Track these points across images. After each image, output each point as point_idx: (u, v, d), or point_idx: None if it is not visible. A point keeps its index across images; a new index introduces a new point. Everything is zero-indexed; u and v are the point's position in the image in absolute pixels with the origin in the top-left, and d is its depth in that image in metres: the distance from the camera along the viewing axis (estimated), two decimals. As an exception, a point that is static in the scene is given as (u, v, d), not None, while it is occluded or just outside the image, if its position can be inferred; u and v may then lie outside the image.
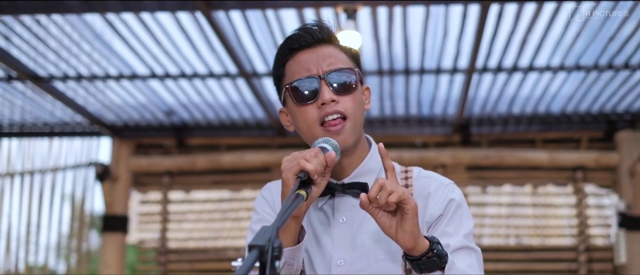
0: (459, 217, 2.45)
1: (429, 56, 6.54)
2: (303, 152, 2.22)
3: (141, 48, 6.43)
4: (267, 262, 1.65)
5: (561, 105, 7.87)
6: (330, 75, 2.42)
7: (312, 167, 2.15)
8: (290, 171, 2.18)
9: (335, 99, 2.40)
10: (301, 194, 2.14)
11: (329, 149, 2.28)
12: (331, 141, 2.34)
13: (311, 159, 2.18)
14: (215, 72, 6.88)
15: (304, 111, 2.44)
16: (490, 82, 7.18)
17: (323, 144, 2.31)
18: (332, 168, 2.26)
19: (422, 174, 2.58)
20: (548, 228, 8.67)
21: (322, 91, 2.40)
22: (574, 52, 6.47)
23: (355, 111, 2.43)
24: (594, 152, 8.32)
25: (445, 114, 8.14)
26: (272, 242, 1.68)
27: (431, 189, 2.50)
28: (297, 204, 2.08)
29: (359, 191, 2.41)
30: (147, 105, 7.95)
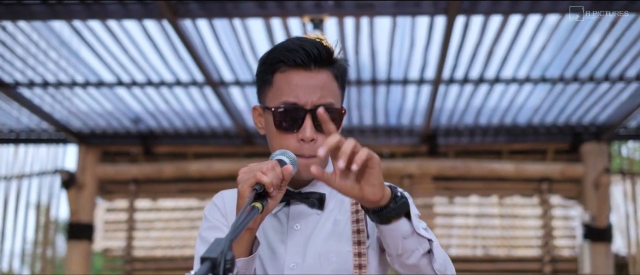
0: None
1: (396, 67, 6.53)
2: (260, 164, 2.21)
3: (108, 56, 6.38)
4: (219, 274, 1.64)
5: (527, 116, 7.89)
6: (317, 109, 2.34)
7: (269, 180, 2.13)
8: (246, 183, 2.17)
9: (314, 138, 2.37)
10: (256, 206, 2.12)
11: (287, 163, 2.27)
12: (289, 154, 2.33)
13: (268, 171, 2.17)
14: (183, 80, 6.84)
15: (282, 137, 2.42)
16: (457, 93, 7.19)
17: (281, 157, 2.30)
18: (288, 181, 2.25)
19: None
20: (515, 239, 8.66)
21: (304, 126, 2.37)
22: (540, 64, 6.51)
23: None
24: (560, 163, 8.35)
25: (412, 124, 8.14)
26: (224, 254, 1.68)
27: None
28: (252, 216, 2.07)
29: (316, 201, 2.44)
30: (114, 112, 7.89)
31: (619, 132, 8.25)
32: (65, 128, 8.22)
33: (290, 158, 2.31)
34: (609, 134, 8.11)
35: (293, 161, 2.30)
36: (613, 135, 8.27)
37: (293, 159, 2.31)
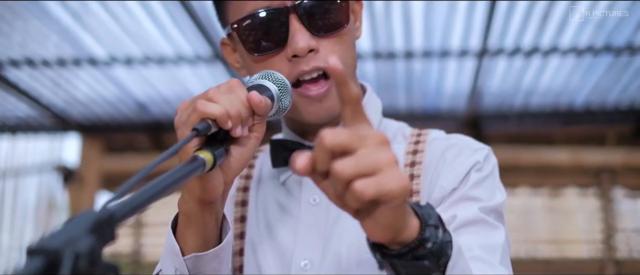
0: (490, 186, 1.62)
1: (434, 35, 5.66)
2: (210, 89, 1.33)
3: (102, 30, 5.59)
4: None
5: (585, 96, 7.03)
6: (304, 3, 1.54)
7: (221, 109, 1.28)
8: (186, 124, 1.28)
9: (314, 47, 1.54)
10: (200, 157, 1.23)
11: (269, 89, 1.44)
12: (275, 75, 1.48)
13: (219, 97, 1.27)
14: (186, 55, 5.99)
15: (264, 66, 1.58)
16: (504, 70, 6.34)
17: (259, 81, 1.47)
18: (265, 115, 1.38)
19: (441, 136, 1.76)
20: (569, 237, 7.94)
21: (292, 34, 1.54)
22: (603, 31, 5.59)
23: (346, 58, 1.59)
24: (623, 150, 7.52)
25: (453, 107, 7.34)
26: (74, 245, 0.84)
27: (450, 154, 1.67)
28: (185, 174, 1.18)
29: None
30: (117, 100, 7.12)
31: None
32: (65, 118, 7.49)
33: (276, 80, 1.47)
34: (680, 116, 7.23)
35: (280, 84, 1.47)
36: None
37: (280, 81, 1.47)
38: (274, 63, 1.57)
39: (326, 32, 1.57)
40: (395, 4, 5.13)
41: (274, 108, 1.45)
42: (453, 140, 1.76)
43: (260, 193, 1.76)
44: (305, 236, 1.63)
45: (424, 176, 1.67)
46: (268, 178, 1.77)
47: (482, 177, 1.64)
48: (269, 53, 1.57)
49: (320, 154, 1.05)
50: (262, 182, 1.79)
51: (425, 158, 1.69)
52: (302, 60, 1.55)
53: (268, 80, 1.45)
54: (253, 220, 1.71)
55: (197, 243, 1.40)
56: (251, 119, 1.36)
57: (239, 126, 1.30)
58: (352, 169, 1.04)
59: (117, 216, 0.95)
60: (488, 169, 1.67)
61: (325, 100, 1.58)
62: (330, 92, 1.58)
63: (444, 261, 1.22)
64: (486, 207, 1.58)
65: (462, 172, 1.63)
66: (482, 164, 1.67)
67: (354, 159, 1.04)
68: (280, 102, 1.46)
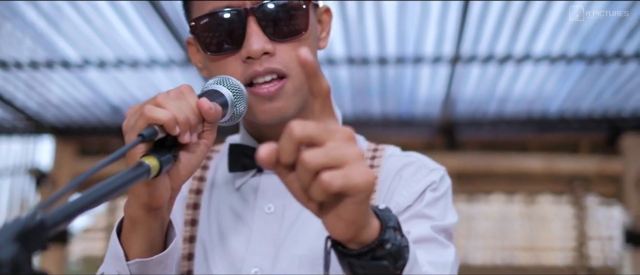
0: (443, 206, 1.64)
1: (407, 41, 5.64)
2: (160, 94, 1.31)
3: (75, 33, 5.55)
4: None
5: (559, 104, 7.02)
6: (264, 6, 1.53)
7: (168, 115, 1.26)
8: (133, 129, 1.27)
9: (269, 50, 1.53)
10: (146, 163, 1.22)
11: (223, 94, 1.43)
12: (231, 81, 1.46)
13: (168, 102, 1.25)
14: (159, 58, 5.95)
15: (220, 66, 1.58)
16: (478, 76, 6.32)
17: (214, 86, 1.45)
18: (215, 122, 1.37)
19: (397, 153, 1.77)
20: (543, 245, 7.86)
21: (248, 36, 1.53)
22: (575, 39, 5.59)
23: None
24: (596, 158, 7.50)
25: (427, 113, 7.30)
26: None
27: (406, 172, 1.67)
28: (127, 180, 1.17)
29: None
30: (91, 103, 7.05)
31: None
32: (39, 121, 7.41)
33: (232, 86, 1.46)
34: (653, 125, 7.24)
35: (236, 90, 1.45)
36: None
37: (236, 87, 1.45)
38: (228, 63, 1.56)
39: (283, 38, 1.56)
40: (368, 10, 5.11)
41: (228, 114, 1.44)
42: (410, 159, 1.75)
43: (214, 197, 1.73)
44: (257, 244, 1.61)
45: (379, 191, 1.66)
46: (222, 182, 1.75)
47: (437, 197, 1.64)
48: (224, 53, 1.57)
49: (288, 145, 1.05)
50: (216, 185, 1.77)
51: (380, 173, 1.69)
52: (256, 61, 1.54)
53: (223, 86, 1.44)
54: (205, 225, 1.69)
55: (142, 248, 1.39)
56: (201, 125, 1.34)
57: (188, 132, 1.29)
58: (321, 159, 1.04)
59: (48, 223, 0.94)
60: (442, 190, 1.68)
61: (276, 99, 1.56)
62: (282, 91, 1.56)
63: (402, 264, 1.21)
64: (438, 226, 1.58)
65: (418, 191, 1.63)
66: (438, 185, 1.67)
67: (323, 150, 1.05)
68: (235, 107, 1.45)
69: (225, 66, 1.56)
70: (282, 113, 1.58)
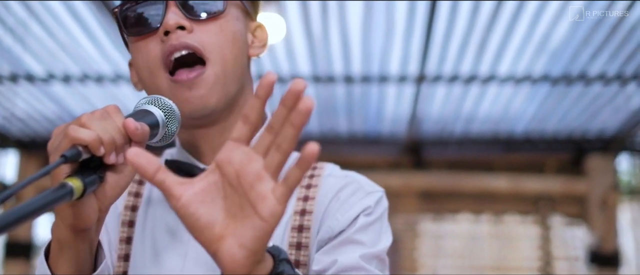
0: (376, 231, 1.60)
1: (373, 60, 5.64)
2: (85, 114, 1.27)
3: (39, 47, 5.51)
4: None
5: (524, 125, 7.07)
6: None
7: (92, 135, 1.22)
8: (57, 150, 1.24)
9: (184, 25, 1.52)
10: (69, 185, 1.18)
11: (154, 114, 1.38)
12: (163, 101, 1.41)
13: (92, 122, 1.23)
14: (124, 73, 5.92)
15: (141, 48, 1.57)
16: (444, 96, 6.33)
17: (146, 106, 1.40)
18: (143, 141, 1.32)
19: (336, 172, 1.70)
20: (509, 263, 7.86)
21: (166, 14, 1.53)
22: (540, 60, 5.63)
23: (223, 49, 1.57)
24: (561, 179, 7.53)
25: (394, 132, 7.31)
26: None
27: (343, 194, 1.62)
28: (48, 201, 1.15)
29: None
30: (56, 117, 7.01)
31: (629, 143, 7.47)
32: (2, 134, 7.38)
33: (163, 105, 1.41)
34: (617, 146, 7.33)
35: (167, 110, 1.41)
36: (621, 148, 7.48)
37: (168, 107, 1.41)
38: (148, 44, 1.55)
39: (198, 17, 1.55)
40: (333, 28, 5.11)
41: (159, 134, 1.41)
42: (348, 179, 1.71)
43: (149, 214, 1.70)
44: (193, 264, 1.58)
45: (316, 212, 1.64)
46: (159, 199, 1.71)
47: (370, 221, 1.62)
48: (145, 34, 1.56)
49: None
50: (152, 202, 1.73)
51: (318, 193, 1.66)
52: (172, 36, 1.53)
53: (154, 106, 1.41)
54: (139, 243, 1.66)
55: (70, 271, 1.35)
56: (128, 145, 1.32)
57: (113, 153, 1.26)
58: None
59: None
60: (378, 213, 1.65)
61: (197, 86, 1.53)
62: (201, 78, 1.54)
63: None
64: (368, 254, 1.56)
65: (352, 215, 1.61)
66: (373, 208, 1.64)
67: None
68: (167, 127, 1.43)
69: (146, 48, 1.56)
70: (204, 102, 1.55)
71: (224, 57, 1.55)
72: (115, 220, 1.69)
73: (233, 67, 1.58)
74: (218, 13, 1.57)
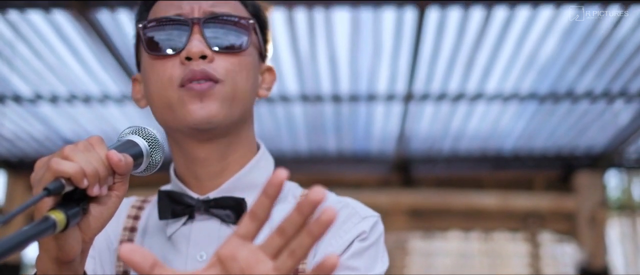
0: (372, 256, 1.59)
1: (360, 78, 5.64)
2: (67, 146, 1.26)
3: (27, 68, 5.50)
4: None
5: (513, 142, 7.09)
6: (211, 21, 1.56)
7: (75, 168, 1.20)
8: (40, 183, 1.22)
9: (207, 54, 1.52)
10: (51, 218, 1.17)
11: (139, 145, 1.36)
12: (147, 131, 1.39)
13: (75, 154, 1.22)
14: (112, 93, 5.91)
15: (158, 66, 1.56)
16: (432, 114, 6.34)
17: (130, 137, 1.38)
18: (126, 173, 1.30)
19: (331, 198, 1.68)
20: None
21: (190, 40, 1.53)
22: (527, 78, 5.64)
23: (236, 78, 1.56)
24: (550, 195, 7.54)
25: (382, 150, 7.30)
26: None
27: (338, 219, 1.56)
28: (32, 235, 1.13)
29: (231, 213, 1.58)
30: (44, 137, 6.98)
31: (617, 160, 7.47)
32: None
33: (147, 135, 1.39)
34: (605, 163, 7.35)
35: (151, 140, 1.39)
36: (610, 164, 7.49)
37: (151, 137, 1.39)
38: (167, 64, 1.54)
39: (222, 49, 1.55)
40: (320, 47, 5.11)
41: (143, 164, 1.40)
42: (342, 205, 1.70)
43: (145, 247, 1.69)
44: None
45: None
46: (154, 231, 1.70)
47: (365, 247, 1.61)
48: (165, 55, 1.55)
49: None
50: (147, 234, 1.71)
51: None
52: (193, 62, 1.52)
53: (138, 136, 1.40)
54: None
55: None
56: (111, 177, 1.30)
57: (97, 185, 1.24)
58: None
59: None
60: (373, 238, 1.63)
61: (206, 99, 1.52)
62: (213, 91, 1.52)
63: None
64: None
65: (347, 241, 1.59)
66: (368, 234, 1.62)
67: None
68: (151, 157, 1.41)
69: (164, 66, 1.54)
70: (211, 116, 1.53)
71: (236, 84, 1.55)
72: (110, 256, 1.68)
73: (242, 94, 1.57)
74: (239, 50, 1.56)
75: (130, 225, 1.74)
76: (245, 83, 1.58)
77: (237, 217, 1.56)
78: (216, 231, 1.57)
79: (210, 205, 1.58)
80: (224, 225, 1.57)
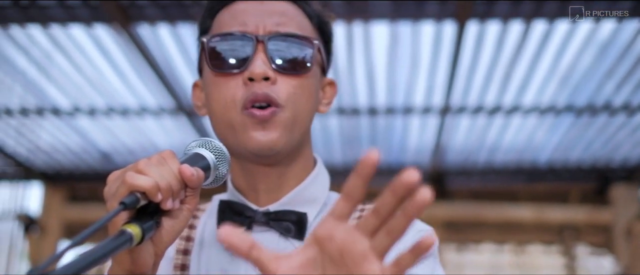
0: (431, 265, 1.58)
1: (397, 91, 5.64)
2: (141, 160, 1.28)
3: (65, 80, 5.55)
4: None
5: (548, 154, 7.04)
6: (275, 39, 1.55)
7: (150, 182, 1.22)
8: (115, 197, 1.24)
9: (270, 76, 1.52)
10: (128, 232, 1.19)
11: (206, 158, 1.38)
12: (214, 143, 1.41)
13: (149, 169, 1.24)
14: (150, 106, 5.95)
15: (221, 84, 1.57)
16: (468, 126, 6.33)
17: (197, 150, 1.39)
18: (197, 188, 1.32)
19: None
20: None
21: (254, 60, 1.53)
22: (564, 91, 5.62)
23: (297, 102, 1.57)
24: (585, 208, 7.48)
25: (417, 162, 7.23)
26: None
27: None
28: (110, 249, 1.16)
29: (292, 226, 1.59)
30: (81, 149, 7.03)
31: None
32: (29, 167, 7.38)
33: (214, 148, 1.40)
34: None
35: (218, 153, 1.40)
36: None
37: (218, 150, 1.40)
38: (229, 82, 1.55)
39: (286, 71, 1.56)
40: (358, 61, 5.12)
41: (211, 177, 1.42)
42: None
43: (203, 257, 1.69)
44: None
45: None
46: (212, 241, 1.71)
47: (432, 259, 1.61)
48: (228, 72, 1.56)
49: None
50: (204, 244, 1.73)
51: None
52: (256, 84, 1.53)
53: (205, 149, 1.41)
54: None
55: None
56: (183, 191, 1.32)
57: (170, 199, 1.26)
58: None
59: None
60: (434, 252, 1.65)
61: (269, 127, 1.54)
62: (275, 118, 1.54)
63: None
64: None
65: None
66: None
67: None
68: (218, 170, 1.43)
69: (226, 85, 1.55)
70: (273, 143, 1.55)
71: (297, 108, 1.55)
72: (167, 265, 1.69)
73: (303, 119, 1.58)
74: (302, 70, 1.57)
75: (186, 235, 1.76)
76: (306, 105, 1.59)
77: (298, 231, 1.57)
78: (275, 243, 1.58)
79: (270, 217, 1.59)
80: (283, 238, 1.58)
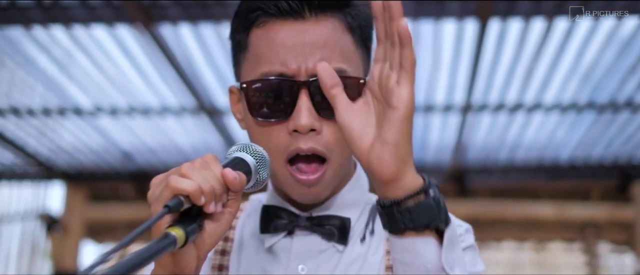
0: (472, 254, 1.60)
1: (418, 89, 5.62)
2: (185, 164, 1.29)
3: (87, 80, 5.58)
4: None
5: (570, 152, 7.01)
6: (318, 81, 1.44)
7: (194, 186, 1.23)
8: (159, 200, 1.25)
9: (316, 127, 1.48)
10: (172, 234, 1.21)
11: (247, 162, 1.39)
12: (254, 148, 1.42)
13: (193, 172, 1.25)
14: (171, 106, 5.97)
15: (264, 131, 1.54)
16: (489, 124, 6.32)
17: (237, 153, 1.40)
18: (240, 191, 1.33)
19: None
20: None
21: (298, 109, 1.48)
22: (585, 88, 5.60)
23: (343, 149, 1.53)
24: (607, 206, 7.46)
25: (438, 160, 7.26)
26: None
27: None
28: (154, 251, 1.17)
29: (335, 230, 1.58)
30: (102, 149, 7.06)
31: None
32: (50, 166, 7.41)
33: (255, 152, 1.42)
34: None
35: (259, 157, 1.41)
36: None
37: (259, 154, 1.41)
38: (273, 132, 1.52)
39: (330, 117, 1.46)
40: (379, 60, 5.10)
41: (251, 181, 1.42)
42: None
43: (243, 258, 1.69)
44: None
45: None
46: (252, 242, 1.70)
47: (465, 246, 1.61)
48: (271, 121, 1.52)
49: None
50: (244, 245, 1.72)
51: None
52: (301, 137, 1.49)
53: (246, 153, 1.41)
54: None
55: None
56: (225, 195, 1.32)
57: (213, 202, 1.26)
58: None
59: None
60: (470, 241, 1.63)
61: (315, 186, 1.54)
62: (322, 180, 1.53)
63: (443, 218, 1.28)
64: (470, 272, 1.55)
65: None
66: (464, 236, 1.62)
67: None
68: (259, 174, 1.43)
69: (270, 134, 1.52)
70: (318, 198, 1.57)
71: (343, 156, 1.54)
72: (204, 265, 1.69)
73: (347, 162, 1.58)
74: None
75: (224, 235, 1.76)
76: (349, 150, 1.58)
77: (341, 235, 1.58)
78: (317, 246, 1.58)
79: (313, 222, 1.59)
80: (324, 241, 1.58)
